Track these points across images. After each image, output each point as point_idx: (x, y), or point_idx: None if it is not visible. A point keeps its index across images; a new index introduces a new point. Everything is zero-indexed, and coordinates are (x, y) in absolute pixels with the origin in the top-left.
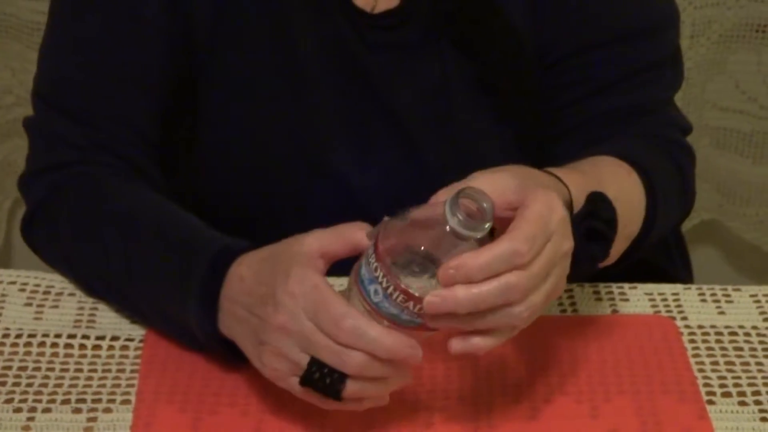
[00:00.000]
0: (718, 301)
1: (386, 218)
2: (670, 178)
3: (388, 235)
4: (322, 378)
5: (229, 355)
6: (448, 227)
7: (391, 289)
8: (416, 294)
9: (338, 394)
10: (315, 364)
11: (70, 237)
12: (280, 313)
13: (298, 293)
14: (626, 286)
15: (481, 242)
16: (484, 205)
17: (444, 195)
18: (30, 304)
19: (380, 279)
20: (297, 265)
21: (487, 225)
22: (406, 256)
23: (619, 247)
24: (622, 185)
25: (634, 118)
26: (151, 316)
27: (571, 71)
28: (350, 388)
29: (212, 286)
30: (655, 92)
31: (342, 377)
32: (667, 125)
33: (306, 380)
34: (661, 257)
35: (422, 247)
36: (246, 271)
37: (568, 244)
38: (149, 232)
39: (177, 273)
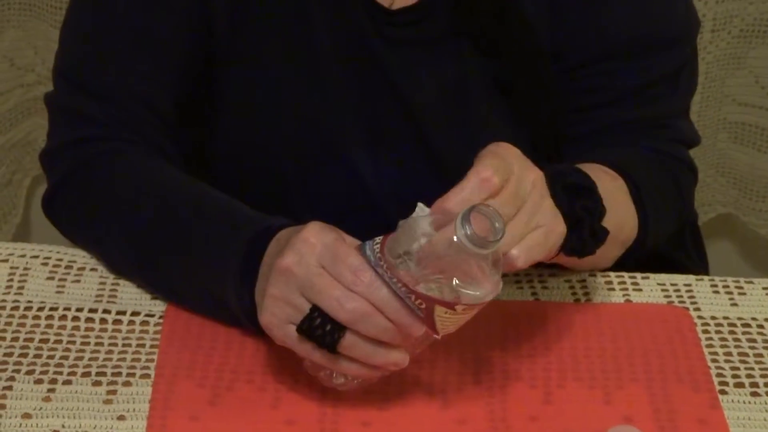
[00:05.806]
0: (730, 293)
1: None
2: (664, 189)
3: (397, 240)
4: (322, 325)
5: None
6: (455, 238)
7: (395, 280)
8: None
9: (334, 345)
10: (317, 310)
11: (99, 212)
12: (288, 256)
13: (314, 241)
14: (639, 275)
15: (490, 258)
16: (496, 224)
17: (451, 202)
18: (52, 278)
19: (383, 267)
20: (314, 223)
21: (497, 244)
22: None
23: (614, 253)
24: (605, 186)
25: (644, 131)
26: (183, 292)
27: (588, 78)
28: (347, 340)
29: (252, 262)
30: (668, 105)
31: (340, 328)
32: (672, 140)
33: (303, 326)
34: (677, 250)
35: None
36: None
37: (533, 173)
38: (187, 207)
39: (218, 249)
